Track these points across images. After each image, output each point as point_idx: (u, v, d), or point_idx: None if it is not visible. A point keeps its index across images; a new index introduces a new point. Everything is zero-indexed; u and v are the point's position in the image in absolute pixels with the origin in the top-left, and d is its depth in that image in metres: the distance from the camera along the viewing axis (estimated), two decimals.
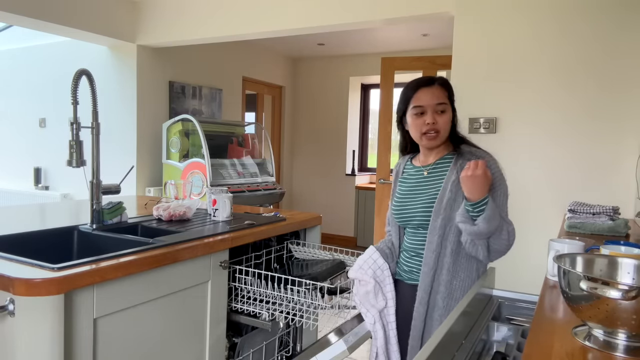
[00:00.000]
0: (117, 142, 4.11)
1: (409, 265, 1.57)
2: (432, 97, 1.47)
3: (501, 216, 1.38)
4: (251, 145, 4.49)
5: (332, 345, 1.46)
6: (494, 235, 1.37)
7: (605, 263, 0.98)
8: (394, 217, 1.61)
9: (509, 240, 1.41)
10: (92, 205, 1.77)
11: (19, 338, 1.15)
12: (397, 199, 1.60)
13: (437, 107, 1.46)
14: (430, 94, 1.47)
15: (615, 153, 2.39)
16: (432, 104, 1.46)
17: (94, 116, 1.77)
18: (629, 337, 0.81)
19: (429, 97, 1.47)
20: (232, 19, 3.60)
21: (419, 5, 2.90)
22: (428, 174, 1.54)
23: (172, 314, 1.52)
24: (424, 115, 1.47)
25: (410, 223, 1.55)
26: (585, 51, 2.44)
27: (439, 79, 1.51)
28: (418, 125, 1.48)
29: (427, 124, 1.46)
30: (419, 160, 1.61)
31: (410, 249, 1.57)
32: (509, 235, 1.40)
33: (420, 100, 1.47)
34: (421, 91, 1.49)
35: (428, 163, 1.56)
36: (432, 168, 1.54)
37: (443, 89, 1.50)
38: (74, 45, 4.35)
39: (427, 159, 1.58)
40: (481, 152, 1.52)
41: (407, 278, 1.58)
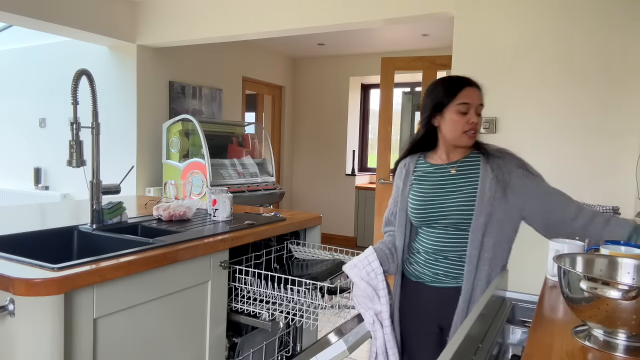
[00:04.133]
0: (117, 142, 4.11)
1: (434, 267, 1.53)
2: (477, 97, 1.49)
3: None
4: (251, 145, 4.49)
5: (332, 345, 1.46)
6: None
7: (605, 263, 0.98)
8: (414, 217, 1.56)
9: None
10: (92, 205, 1.77)
11: (19, 338, 1.15)
12: (417, 198, 1.55)
13: (478, 108, 1.49)
14: (475, 94, 1.49)
15: (616, 153, 2.39)
16: (476, 104, 1.48)
17: (94, 116, 1.77)
18: (629, 337, 0.81)
19: (475, 97, 1.48)
20: (232, 19, 3.60)
21: (419, 5, 2.90)
22: (457, 172, 1.52)
23: (172, 314, 1.52)
24: (467, 114, 1.47)
25: (439, 222, 1.51)
26: (586, 51, 2.43)
27: (478, 83, 1.54)
28: (460, 123, 1.47)
29: (471, 122, 1.46)
30: (436, 158, 1.58)
31: (434, 250, 1.53)
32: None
33: (468, 97, 1.47)
34: (468, 89, 1.49)
35: (453, 160, 1.54)
36: (459, 166, 1.52)
37: (480, 93, 1.53)
38: (74, 45, 4.35)
39: (450, 157, 1.55)
40: (504, 150, 1.54)
41: (430, 281, 1.54)
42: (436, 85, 1.54)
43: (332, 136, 5.98)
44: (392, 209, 1.66)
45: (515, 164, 1.50)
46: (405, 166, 1.62)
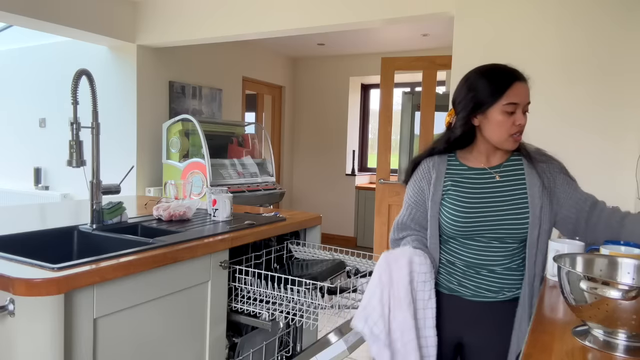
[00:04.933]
0: (117, 142, 4.11)
1: (476, 281, 1.37)
2: (526, 94, 1.32)
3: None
4: (251, 145, 4.48)
5: (332, 345, 1.46)
6: None
7: (605, 263, 0.98)
8: (452, 227, 1.35)
9: None
10: (92, 205, 1.77)
11: (19, 338, 1.15)
12: (457, 207, 1.34)
13: (526, 107, 1.33)
14: (525, 91, 1.32)
15: (616, 153, 2.39)
16: (525, 103, 1.32)
17: (94, 116, 1.77)
18: (629, 337, 0.81)
19: (524, 94, 1.31)
20: (232, 19, 3.60)
21: (419, 5, 2.90)
22: (501, 178, 1.35)
23: (172, 314, 1.52)
24: (514, 114, 1.30)
25: (485, 235, 1.34)
26: (586, 51, 2.43)
27: (526, 76, 1.37)
28: (506, 125, 1.29)
29: (518, 124, 1.30)
30: (473, 160, 1.39)
31: (477, 263, 1.36)
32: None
33: (517, 96, 1.29)
34: (517, 86, 1.30)
35: (494, 164, 1.38)
36: (502, 171, 1.36)
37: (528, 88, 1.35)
38: (74, 45, 4.35)
39: (489, 160, 1.38)
40: (545, 152, 1.43)
41: (470, 295, 1.38)
42: (478, 79, 1.35)
43: (332, 136, 5.98)
44: (413, 214, 1.43)
45: (558, 169, 1.38)
46: (435, 166, 1.40)
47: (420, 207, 1.42)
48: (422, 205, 1.42)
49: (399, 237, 1.45)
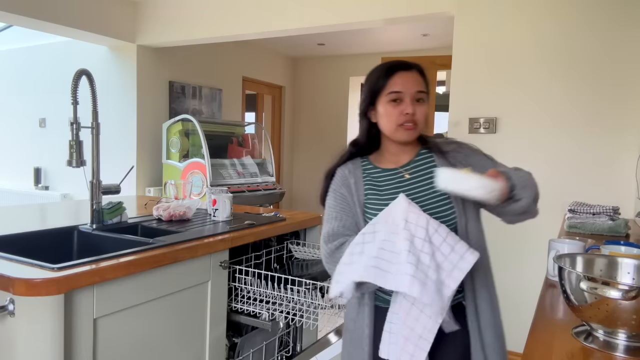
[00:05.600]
0: (117, 142, 4.11)
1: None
2: (413, 83, 1.26)
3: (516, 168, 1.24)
4: (251, 145, 4.48)
5: (332, 345, 1.46)
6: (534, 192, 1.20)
7: (605, 263, 0.98)
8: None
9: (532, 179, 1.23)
10: (92, 205, 1.77)
11: (18, 338, 1.15)
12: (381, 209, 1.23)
13: (417, 95, 1.26)
14: (410, 79, 1.27)
15: (616, 153, 2.39)
16: (412, 92, 1.25)
17: (94, 116, 1.77)
18: (629, 337, 0.81)
19: (409, 83, 1.26)
20: (232, 19, 3.60)
21: (419, 5, 2.90)
22: (412, 176, 1.30)
23: (172, 314, 1.52)
24: (401, 103, 1.25)
25: None
26: (586, 51, 2.44)
27: (417, 65, 1.31)
28: (394, 115, 1.26)
29: (406, 113, 1.24)
30: (384, 161, 1.36)
31: None
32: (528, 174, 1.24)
33: (399, 85, 1.26)
34: (399, 75, 1.27)
35: (403, 163, 1.33)
36: (412, 168, 1.32)
37: (421, 77, 1.30)
38: (74, 45, 4.35)
39: (399, 159, 1.34)
40: (451, 139, 1.37)
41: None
42: (370, 73, 1.32)
43: (332, 136, 5.98)
44: (344, 221, 1.31)
45: (470, 151, 1.33)
46: (351, 172, 1.35)
47: (349, 213, 1.31)
48: (349, 211, 1.31)
49: (335, 247, 1.28)
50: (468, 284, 1.25)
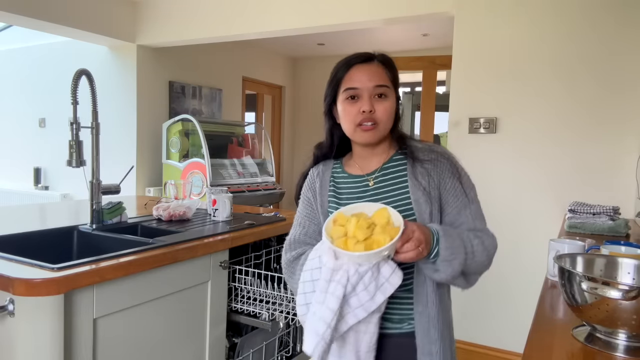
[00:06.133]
0: (117, 142, 4.11)
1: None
2: (370, 76, 1.13)
3: (463, 239, 1.04)
4: (251, 145, 4.48)
5: None
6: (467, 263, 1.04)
7: (606, 263, 0.98)
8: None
9: (488, 253, 1.08)
10: (92, 205, 1.77)
11: (18, 338, 1.15)
12: None
13: (376, 90, 1.12)
14: (367, 73, 1.14)
15: (616, 153, 2.39)
16: (369, 86, 1.12)
17: (94, 116, 1.77)
18: (629, 337, 0.81)
19: (365, 77, 1.13)
20: (232, 19, 3.59)
21: (419, 5, 2.90)
22: (375, 184, 1.16)
23: (172, 314, 1.52)
24: (358, 100, 1.13)
25: None
26: (586, 51, 2.43)
27: (379, 55, 1.18)
28: (351, 114, 1.13)
29: (362, 111, 1.11)
30: (352, 166, 1.22)
31: None
32: (484, 248, 1.07)
33: (354, 80, 1.14)
34: (355, 69, 1.15)
35: (371, 170, 1.18)
36: (378, 175, 1.17)
37: (384, 68, 1.16)
38: (74, 45, 4.35)
39: (367, 164, 1.20)
40: (435, 147, 1.18)
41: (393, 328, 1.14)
42: (334, 67, 1.20)
43: None
44: (307, 228, 1.22)
45: (448, 171, 1.13)
46: (319, 175, 1.24)
47: (314, 220, 1.22)
48: (314, 218, 1.22)
49: (292, 257, 1.19)
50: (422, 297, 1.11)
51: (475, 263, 1.06)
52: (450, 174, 1.13)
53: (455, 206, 1.12)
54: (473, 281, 1.11)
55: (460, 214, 1.12)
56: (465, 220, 1.12)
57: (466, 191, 1.13)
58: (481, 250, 1.07)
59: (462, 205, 1.12)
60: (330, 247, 0.99)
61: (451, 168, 1.14)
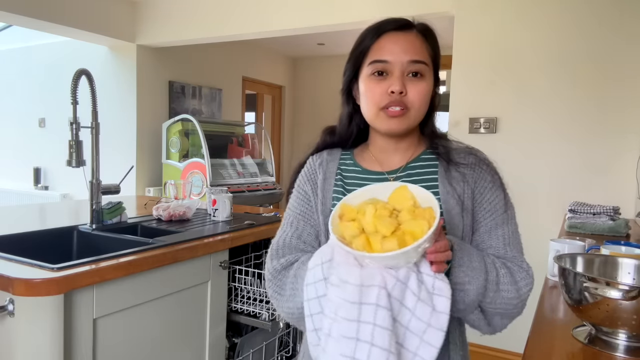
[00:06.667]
0: (117, 142, 4.11)
1: None
2: (404, 48, 0.90)
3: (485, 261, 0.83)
4: (251, 145, 4.48)
5: None
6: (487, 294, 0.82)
7: (606, 263, 0.98)
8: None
9: (518, 289, 0.84)
10: (92, 205, 1.77)
11: (18, 338, 1.15)
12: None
13: (411, 66, 0.89)
14: (402, 44, 0.91)
15: (616, 153, 2.39)
16: (403, 61, 0.89)
17: (94, 116, 1.77)
18: (630, 337, 0.81)
19: (398, 48, 0.90)
20: (232, 19, 3.59)
21: (419, 5, 2.90)
22: None
23: (172, 314, 1.52)
24: (386, 77, 0.90)
25: None
26: (586, 51, 2.43)
27: (420, 24, 0.98)
28: (375, 94, 0.90)
29: (391, 92, 0.88)
30: (368, 160, 0.99)
31: None
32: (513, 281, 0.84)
33: (384, 51, 0.90)
34: (387, 38, 0.92)
35: (393, 167, 0.96)
36: (402, 175, 0.94)
37: (424, 41, 0.95)
38: (74, 45, 4.35)
39: (388, 159, 0.97)
40: (475, 151, 0.97)
41: None
42: (360, 35, 0.99)
43: None
44: (301, 229, 0.97)
45: (490, 181, 0.92)
46: (322, 165, 1.01)
47: (309, 220, 0.97)
48: (309, 217, 0.97)
49: (281, 267, 0.93)
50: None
51: (499, 298, 0.82)
52: (491, 184, 0.91)
53: (487, 224, 0.89)
54: (499, 325, 0.86)
55: (490, 234, 0.89)
56: (494, 244, 0.88)
57: (506, 208, 0.91)
58: (509, 282, 0.83)
59: (494, 224, 0.89)
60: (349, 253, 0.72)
61: (492, 178, 0.92)
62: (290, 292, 0.90)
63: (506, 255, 0.88)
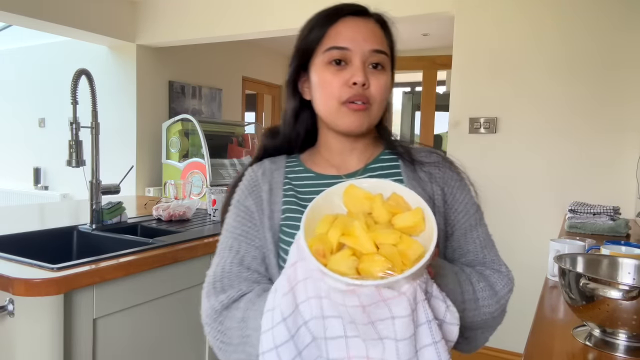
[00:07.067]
0: (116, 142, 4.11)
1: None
2: (366, 36, 0.80)
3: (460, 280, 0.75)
4: (251, 145, 4.48)
5: None
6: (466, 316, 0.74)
7: (606, 263, 0.98)
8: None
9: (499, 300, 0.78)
10: (92, 205, 1.77)
11: (18, 338, 1.15)
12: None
13: (372, 56, 0.80)
14: (363, 31, 0.80)
15: (616, 153, 2.39)
16: (365, 50, 0.79)
17: (94, 116, 1.76)
18: (630, 337, 0.81)
19: (359, 35, 0.79)
20: (231, 19, 3.59)
21: (419, 5, 2.90)
22: None
23: (172, 315, 1.52)
24: (345, 67, 0.79)
25: None
26: (586, 50, 2.43)
27: (377, 13, 0.85)
28: (333, 87, 0.79)
29: (353, 83, 0.77)
30: (320, 164, 0.87)
31: None
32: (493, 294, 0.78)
33: (343, 38, 0.79)
34: (345, 23, 0.81)
35: (353, 169, 0.86)
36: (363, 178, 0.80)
37: (382, 30, 0.84)
38: (74, 45, 4.35)
39: (344, 162, 0.86)
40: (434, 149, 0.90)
41: None
42: (308, 20, 0.89)
43: None
44: (242, 254, 0.81)
45: (458, 180, 0.85)
46: (265, 175, 0.86)
47: (252, 241, 0.82)
48: (253, 237, 0.82)
49: (222, 306, 0.81)
50: None
51: (480, 315, 0.76)
52: (459, 183, 0.85)
53: (462, 227, 0.83)
54: (481, 340, 0.80)
55: (466, 237, 0.82)
56: (471, 249, 0.83)
57: (477, 208, 0.85)
58: (488, 297, 0.77)
59: (469, 226, 0.83)
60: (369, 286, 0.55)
61: (459, 177, 0.86)
62: (238, 340, 0.74)
63: (485, 260, 0.83)
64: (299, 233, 0.64)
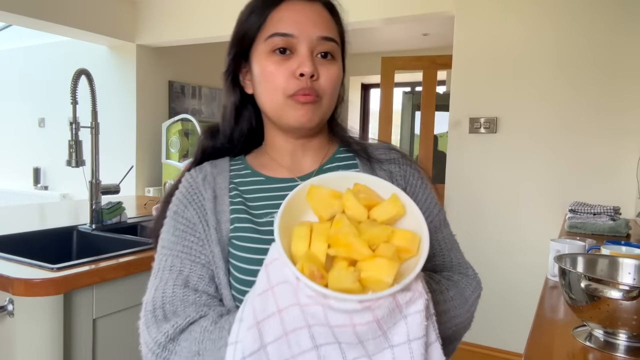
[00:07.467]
0: (116, 142, 4.11)
1: None
2: (313, 21, 0.73)
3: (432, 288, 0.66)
4: None
5: None
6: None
7: (606, 263, 0.98)
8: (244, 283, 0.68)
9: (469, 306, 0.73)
10: (92, 205, 1.77)
11: (18, 338, 1.15)
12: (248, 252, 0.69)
13: (322, 44, 0.72)
14: (311, 15, 0.73)
15: (616, 153, 2.39)
16: (312, 36, 0.71)
17: (94, 116, 1.76)
18: (630, 337, 0.81)
19: (305, 20, 0.72)
20: (231, 19, 3.58)
21: (419, 5, 2.90)
22: None
23: None
24: (291, 57, 0.71)
25: None
26: (586, 50, 2.43)
27: None
28: (278, 78, 0.71)
29: (300, 75, 0.70)
30: (269, 166, 0.79)
31: None
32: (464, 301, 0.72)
33: (287, 22, 0.71)
34: (289, 6, 0.72)
35: (305, 172, 0.78)
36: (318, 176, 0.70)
37: (331, 16, 0.80)
38: (73, 45, 4.35)
39: (296, 163, 0.78)
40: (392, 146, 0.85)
41: None
42: (247, 5, 0.79)
43: None
44: (186, 274, 0.70)
45: (419, 178, 0.79)
46: (207, 180, 0.76)
47: (197, 258, 0.71)
48: (198, 253, 0.71)
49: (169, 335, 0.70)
50: None
51: (452, 325, 0.70)
52: (421, 182, 0.79)
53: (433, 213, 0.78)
54: (450, 352, 0.74)
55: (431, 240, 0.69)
56: (437, 252, 0.76)
57: (439, 207, 0.79)
58: (459, 306, 0.71)
59: (433, 227, 0.75)
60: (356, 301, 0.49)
61: (420, 174, 0.80)
62: None
63: (452, 264, 0.77)
64: (267, 258, 0.55)
